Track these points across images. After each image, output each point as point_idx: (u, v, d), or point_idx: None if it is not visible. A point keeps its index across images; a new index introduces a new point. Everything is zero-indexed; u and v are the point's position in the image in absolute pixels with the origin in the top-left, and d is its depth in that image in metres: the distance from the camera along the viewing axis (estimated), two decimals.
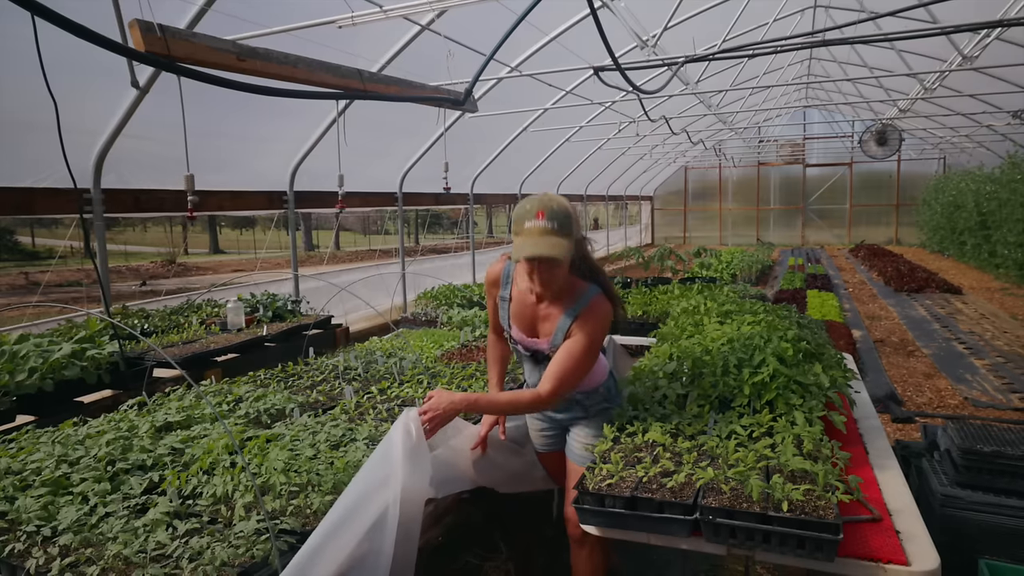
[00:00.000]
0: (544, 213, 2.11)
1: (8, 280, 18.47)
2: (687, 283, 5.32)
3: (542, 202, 2.14)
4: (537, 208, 2.12)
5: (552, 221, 2.11)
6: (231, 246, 30.01)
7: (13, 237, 26.58)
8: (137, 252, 26.83)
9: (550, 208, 2.13)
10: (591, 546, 2.55)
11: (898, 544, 1.76)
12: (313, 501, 1.83)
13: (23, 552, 1.63)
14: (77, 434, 2.32)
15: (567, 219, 2.15)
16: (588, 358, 2.28)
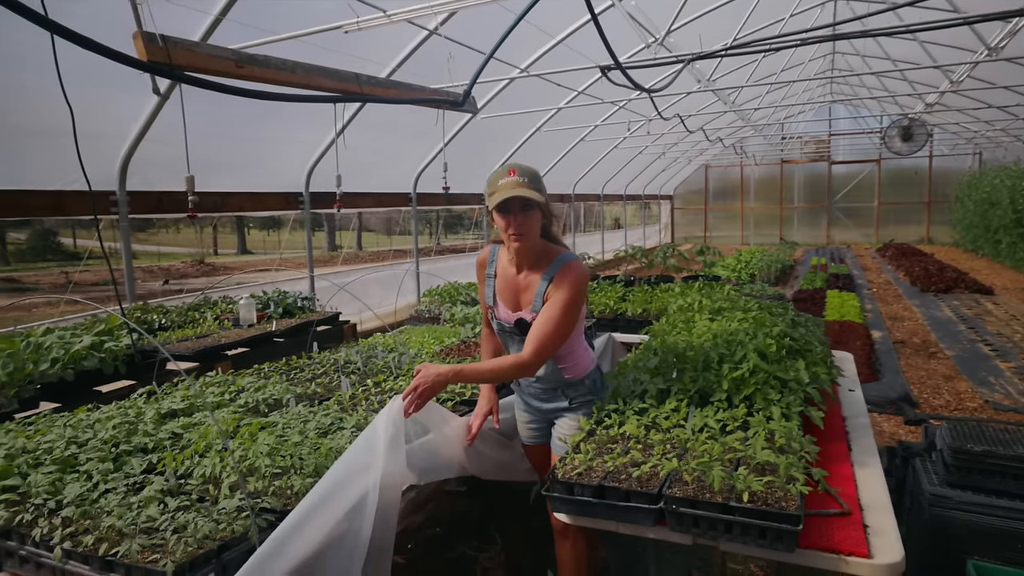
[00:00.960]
0: (515, 171, 2.30)
1: (50, 279, 19.15)
2: (690, 281, 5.35)
3: (512, 163, 2.35)
4: (508, 167, 2.32)
5: (523, 176, 2.30)
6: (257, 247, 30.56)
7: (56, 239, 27.43)
8: (169, 253, 27.51)
9: (520, 167, 2.32)
10: (573, 537, 2.63)
11: (863, 538, 1.80)
12: (295, 483, 1.94)
13: (30, 522, 1.79)
14: (88, 419, 2.47)
15: (537, 178, 2.34)
16: (566, 319, 2.33)
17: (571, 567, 2.69)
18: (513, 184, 2.28)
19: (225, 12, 4.15)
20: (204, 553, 1.64)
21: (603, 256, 16.06)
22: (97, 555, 1.63)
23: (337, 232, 30.33)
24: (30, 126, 4.38)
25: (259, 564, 1.64)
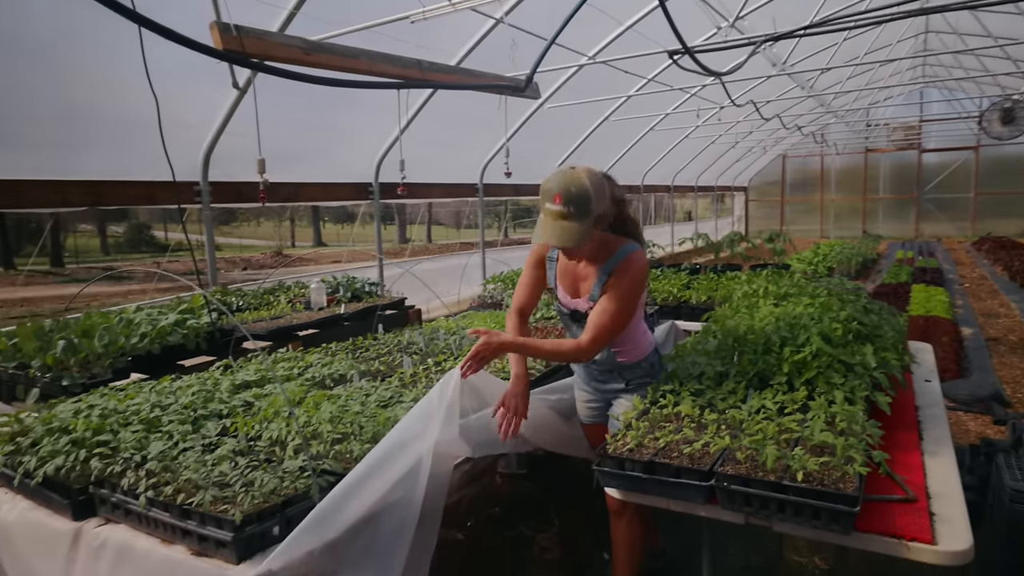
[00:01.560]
0: (561, 197, 2.19)
1: (144, 268, 20.47)
2: (758, 270, 5.21)
3: (563, 183, 2.21)
4: (556, 190, 2.20)
5: (569, 205, 2.20)
6: (332, 239, 31.56)
7: (149, 231, 29.21)
8: (250, 245, 28.86)
9: (568, 192, 2.19)
10: (629, 517, 2.63)
11: (928, 524, 1.73)
12: (354, 448, 2.04)
13: (119, 473, 1.96)
14: (171, 387, 2.67)
15: (585, 201, 2.20)
16: (624, 312, 2.39)
17: (626, 549, 2.70)
18: (555, 216, 2.21)
19: (299, 7, 4.32)
20: (270, 507, 1.75)
21: (673, 248, 15.77)
22: (175, 504, 1.77)
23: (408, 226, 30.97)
24: (127, 117, 4.69)
25: (319, 519, 1.74)
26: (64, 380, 3.05)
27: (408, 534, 1.97)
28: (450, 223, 34.63)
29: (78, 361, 3.24)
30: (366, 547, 1.89)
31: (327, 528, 1.75)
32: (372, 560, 1.90)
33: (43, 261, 21.67)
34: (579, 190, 2.20)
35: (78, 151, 4.91)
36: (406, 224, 30.28)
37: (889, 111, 19.39)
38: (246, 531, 1.69)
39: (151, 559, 1.81)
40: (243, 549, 1.69)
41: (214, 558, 1.73)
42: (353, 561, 1.85)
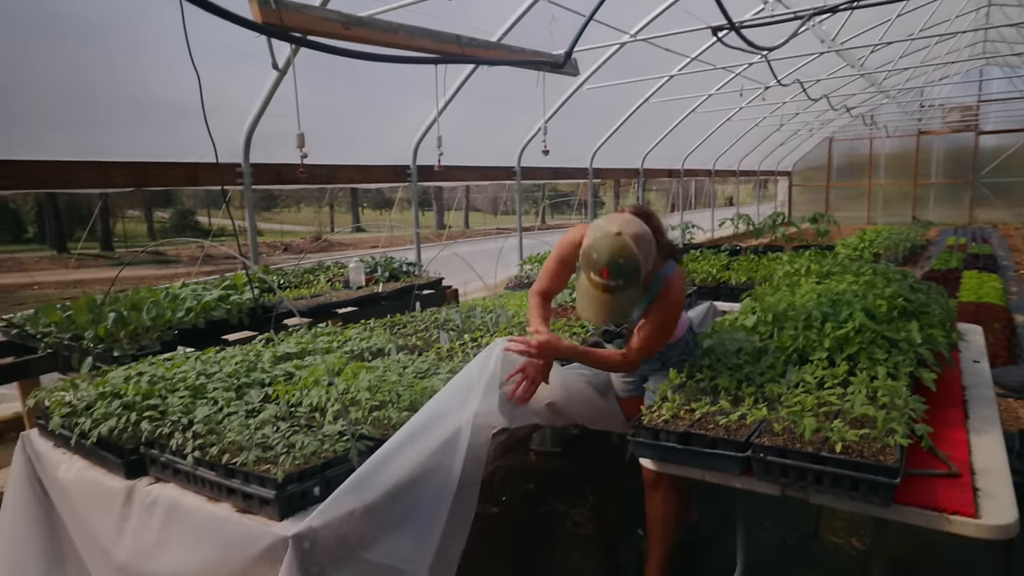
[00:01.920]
0: (608, 272, 2.05)
1: (188, 252, 21.10)
2: (800, 251, 5.10)
3: (611, 255, 2.04)
4: (603, 264, 2.05)
5: (617, 279, 2.07)
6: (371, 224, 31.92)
7: (194, 217, 29.97)
8: (291, 231, 29.41)
9: (616, 264, 2.04)
10: (664, 491, 2.63)
11: (971, 499, 1.70)
12: (391, 415, 2.08)
13: (168, 435, 2.04)
14: (215, 357, 2.75)
15: (635, 271, 2.08)
16: (667, 328, 2.42)
17: (660, 523, 2.69)
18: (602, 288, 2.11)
19: None
20: (310, 468, 1.80)
21: (712, 233, 15.54)
22: (221, 463, 1.83)
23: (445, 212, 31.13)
24: (171, 101, 4.81)
25: (359, 482, 1.78)
26: (115, 351, 3.17)
27: (446, 502, 2.00)
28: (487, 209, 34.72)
29: (128, 333, 3.36)
30: (405, 512, 1.93)
31: (367, 490, 1.79)
32: (411, 526, 1.93)
33: (93, 245, 22.46)
34: (628, 261, 2.05)
35: (124, 133, 5.05)
36: (443, 210, 30.45)
37: (945, 91, 18.47)
38: (288, 490, 1.74)
39: (199, 515, 1.88)
40: (285, 507, 1.74)
41: (258, 515, 1.78)
42: (393, 525, 1.89)
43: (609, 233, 2.05)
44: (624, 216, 2.16)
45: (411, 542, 1.92)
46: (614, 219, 2.12)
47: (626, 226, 2.08)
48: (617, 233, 2.04)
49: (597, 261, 2.05)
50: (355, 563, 1.79)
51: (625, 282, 2.08)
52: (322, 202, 30.26)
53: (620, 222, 2.10)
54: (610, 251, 2.03)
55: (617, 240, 2.03)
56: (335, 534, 1.72)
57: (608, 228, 2.07)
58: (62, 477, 2.27)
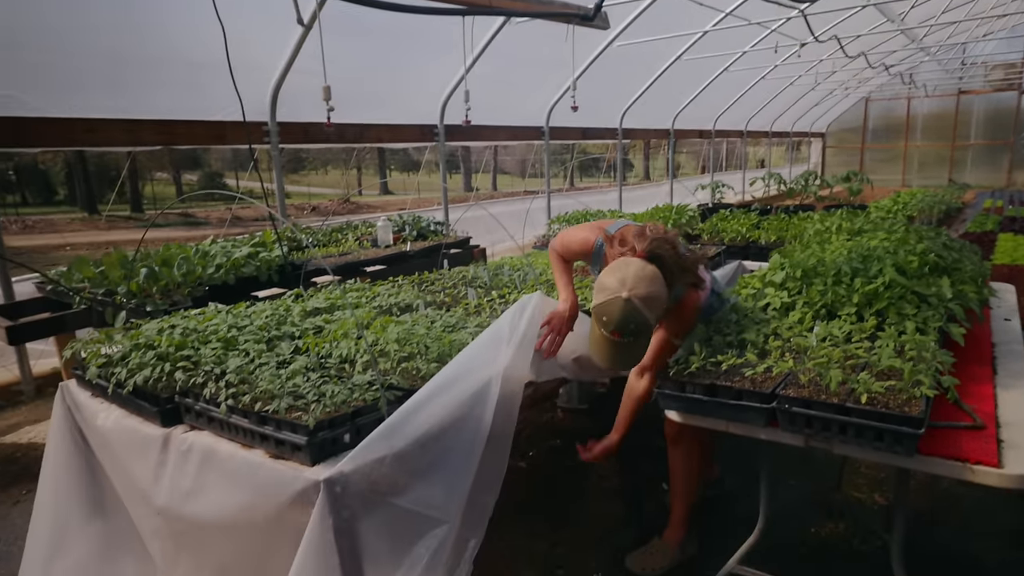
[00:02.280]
0: (619, 333, 2.04)
1: (217, 214, 21.39)
2: (832, 211, 5.00)
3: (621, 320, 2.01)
4: (613, 327, 2.03)
5: (628, 336, 2.06)
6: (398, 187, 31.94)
7: (222, 180, 30.25)
8: (318, 193, 29.57)
9: (626, 328, 2.03)
10: (686, 447, 2.66)
11: (995, 450, 1.70)
12: (420, 366, 2.12)
13: (201, 385, 2.10)
14: (246, 311, 2.80)
15: (646, 328, 2.07)
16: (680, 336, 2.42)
17: (683, 478, 2.73)
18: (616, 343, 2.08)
19: None
20: (340, 416, 1.85)
21: (743, 196, 15.29)
22: (253, 411, 1.88)
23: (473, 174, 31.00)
24: (198, 59, 4.83)
25: (389, 430, 1.82)
26: (147, 306, 3.25)
27: (477, 452, 2.03)
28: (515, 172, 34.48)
29: (159, 289, 3.44)
30: (435, 461, 1.96)
31: (397, 439, 1.83)
32: (441, 474, 1.97)
33: (123, 207, 22.81)
34: (638, 323, 2.03)
35: (150, 91, 5.09)
36: (471, 172, 30.31)
37: (989, 47, 17.67)
38: (319, 436, 1.79)
39: (234, 461, 1.94)
40: (316, 452, 1.79)
41: (290, 461, 1.84)
42: (423, 473, 1.93)
43: (618, 298, 2.01)
44: (633, 269, 2.06)
45: (441, 490, 1.96)
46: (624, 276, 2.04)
47: (636, 287, 2.01)
48: (626, 299, 2.00)
49: (607, 323, 2.04)
50: (386, 508, 1.84)
51: (637, 336, 2.08)
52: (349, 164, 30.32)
53: (629, 276, 2.04)
54: (620, 316, 2.01)
55: (626, 305, 2.00)
56: (366, 480, 1.77)
57: (618, 290, 2.02)
58: (100, 425, 2.34)
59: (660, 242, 2.16)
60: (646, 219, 4.98)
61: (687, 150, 21.01)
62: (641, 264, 2.07)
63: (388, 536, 1.86)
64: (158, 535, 2.22)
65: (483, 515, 2.12)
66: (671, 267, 2.15)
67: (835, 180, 7.53)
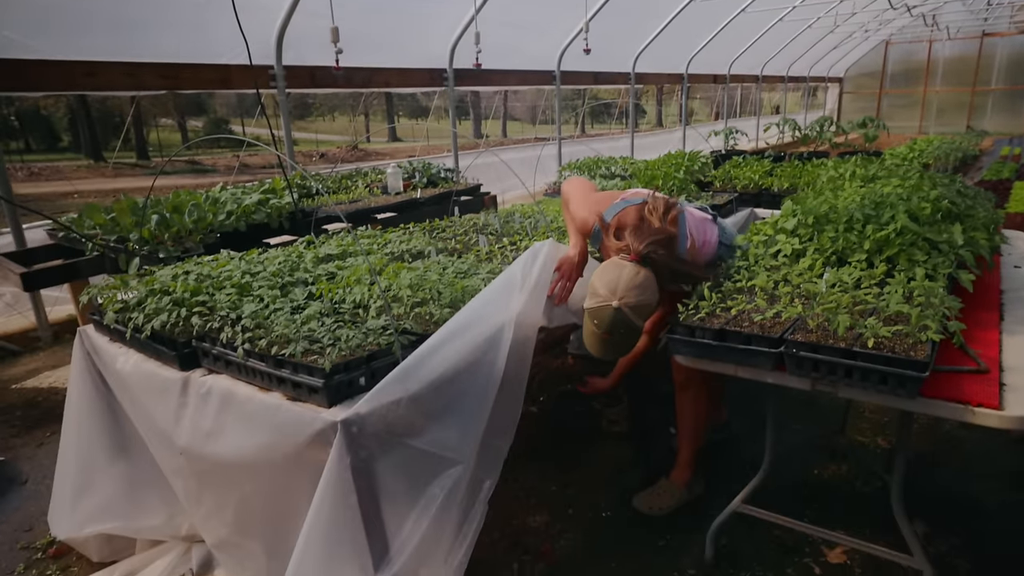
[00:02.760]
0: (609, 334, 2.14)
1: (224, 162, 21.27)
2: (847, 157, 4.93)
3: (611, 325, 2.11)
4: (604, 330, 2.13)
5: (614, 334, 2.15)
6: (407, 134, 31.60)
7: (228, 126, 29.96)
8: (326, 140, 29.27)
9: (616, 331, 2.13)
10: (695, 392, 2.71)
11: (997, 393, 1.72)
12: (433, 311, 2.15)
13: (218, 329, 2.13)
14: (259, 258, 2.83)
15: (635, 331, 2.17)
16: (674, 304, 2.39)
17: (691, 422, 2.78)
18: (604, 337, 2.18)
19: None
20: (355, 359, 1.88)
21: (757, 143, 15.04)
22: (270, 355, 1.92)
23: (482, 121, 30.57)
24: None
25: (404, 372, 1.85)
26: (160, 252, 3.28)
27: (490, 396, 2.07)
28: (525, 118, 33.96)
29: (171, 236, 3.46)
30: (449, 405, 2.00)
31: (412, 382, 1.86)
32: (455, 418, 2.01)
33: (129, 155, 22.69)
34: (628, 328, 2.14)
35: (153, 32, 5.00)
36: (480, 118, 29.90)
37: None
38: (335, 379, 1.83)
39: (252, 404, 1.99)
40: (333, 394, 1.83)
41: (307, 403, 1.89)
42: (437, 416, 1.97)
43: (608, 306, 2.09)
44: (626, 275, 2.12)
45: (456, 433, 2.00)
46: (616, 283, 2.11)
47: (626, 296, 2.09)
48: (616, 308, 2.09)
49: (598, 325, 2.15)
50: (402, 449, 1.89)
51: (626, 334, 2.17)
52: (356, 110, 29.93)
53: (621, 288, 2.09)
54: (610, 322, 2.11)
55: (616, 314, 2.10)
56: (382, 421, 1.81)
57: (608, 299, 2.09)
58: (120, 369, 2.40)
59: (655, 245, 2.19)
60: (658, 166, 4.93)
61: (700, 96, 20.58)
62: (634, 270, 2.13)
63: (404, 476, 1.92)
64: (181, 474, 2.29)
65: (498, 458, 2.19)
66: (663, 271, 2.21)
67: (851, 127, 7.39)
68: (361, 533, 1.79)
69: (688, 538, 2.65)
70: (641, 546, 2.63)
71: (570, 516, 2.83)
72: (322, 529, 1.75)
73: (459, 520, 2.03)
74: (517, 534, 2.71)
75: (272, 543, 2.12)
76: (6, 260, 3.65)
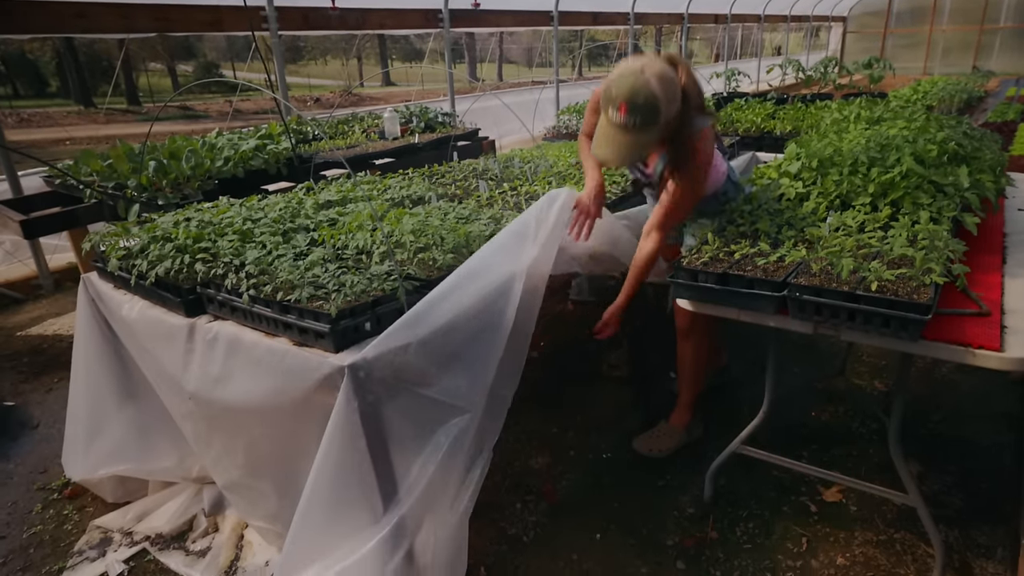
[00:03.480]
0: (626, 107, 1.96)
1: (217, 107, 20.89)
2: (851, 99, 4.86)
3: (630, 91, 1.95)
4: (621, 99, 1.96)
5: (634, 116, 1.97)
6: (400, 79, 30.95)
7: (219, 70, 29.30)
8: (319, 84, 28.70)
9: (634, 103, 1.95)
10: (696, 337, 2.72)
11: (998, 335, 1.73)
12: (436, 256, 2.15)
13: (222, 275, 2.13)
14: (259, 204, 2.81)
15: (653, 113, 1.98)
16: (692, 193, 2.33)
17: (691, 367, 2.81)
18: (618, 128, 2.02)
19: None
20: (360, 305, 1.89)
21: (758, 85, 14.77)
22: (276, 300, 1.93)
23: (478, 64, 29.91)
24: None
25: (414, 318, 1.85)
26: (159, 199, 3.25)
27: (499, 346, 2.08)
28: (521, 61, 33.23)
29: (169, 182, 3.42)
30: (457, 353, 2.01)
31: (420, 327, 1.86)
32: (463, 366, 2.03)
33: (120, 100, 22.25)
34: (647, 100, 1.96)
35: None
36: (476, 61, 29.24)
37: None
38: (341, 324, 1.84)
39: (259, 349, 2.01)
40: (339, 339, 1.84)
41: (314, 348, 1.90)
42: (445, 364, 1.98)
43: (631, 69, 1.97)
44: (649, 57, 2.04)
45: (464, 381, 2.02)
46: (638, 58, 2.03)
47: (650, 65, 1.98)
48: (640, 70, 1.95)
49: (616, 97, 1.98)
50: (410, 395, 1.91)
51: (643, 121, 1.99)
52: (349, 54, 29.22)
53: (644, 60, 2.01)
54: (630, 87, 1.95)
55: (639, 77, 1.95)
56: (389, 366, 1.82)
57: (631, 65, 2.00)
58: (125, 316, 2.40)
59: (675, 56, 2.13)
60: None
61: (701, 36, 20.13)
62: (657, 58, 2.04)
63: (412, 422, 1.94)
64: (190, 418, 2.33)
65: (503, 407, 2.21)
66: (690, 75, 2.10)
67: (855, 67, 7.25)
68: (370, 475, 1.83)
69: (687, 479, 2.72)
70: (641, 486, 2.70)
71: (571, 458, 2.90)
72: (330, 471, 1.79)
73: (465, 467, 2.07)
74: (519, 475, 2.78)
75: (282, 484, 2.17)
76: (4, 208, 3.61)
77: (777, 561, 2.29)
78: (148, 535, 2.55)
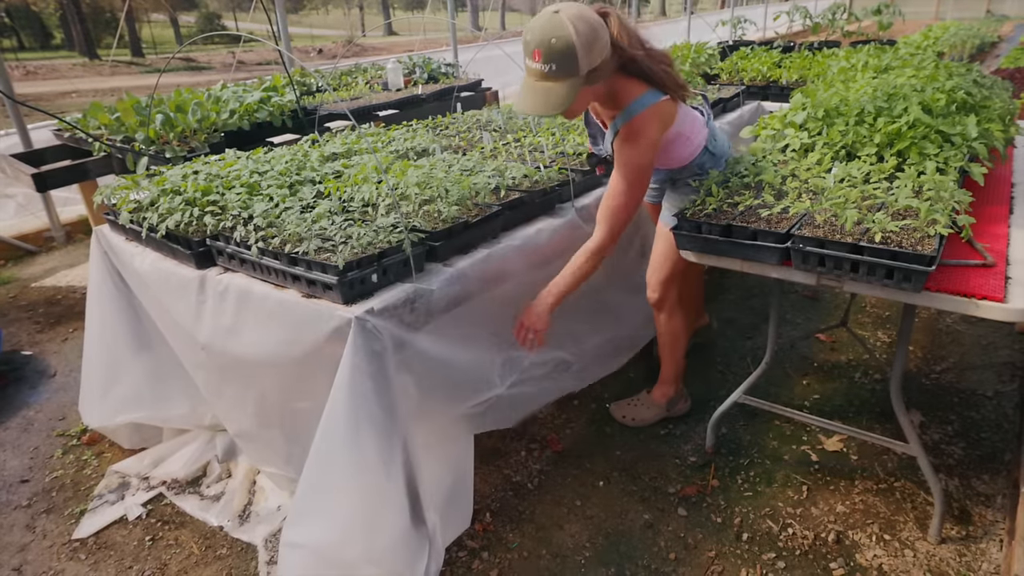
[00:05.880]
0: (541, 53, 1.81)
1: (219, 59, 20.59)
2: (859, 46, 4.75)
3: (543, 34, 1.80)
4: (535, 44, 1.82)
5: (549, 63, 1.81)
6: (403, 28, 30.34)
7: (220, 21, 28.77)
8: (321, 35, 28.21)
9: (548, 46, 1.80)
10: (669, 309, 2.66)
11: (1002, 286, 1.74)
12: (441, 209, 2.16)
13: (231, 228, 2.16)
14: (265, 157, 2.81)
15: (570, 58, 1.81)
16: (636, 186, 2.09)
17: (669, 340, 2.74)
18: (534, 76, 1.85)
19: None
20: (367, 256, 1.91)
21: (764, 32, 14.42)
22: (284, 252, 1.96)
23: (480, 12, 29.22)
24: None
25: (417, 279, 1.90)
26: (167, 152, 3.26)
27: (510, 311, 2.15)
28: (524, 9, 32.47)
29: (176, 135, 3.42)
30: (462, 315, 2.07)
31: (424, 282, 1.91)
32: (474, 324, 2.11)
33: (124, 52, 21.95)
34: (562, 42, 1.79)
35: None
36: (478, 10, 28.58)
37: None
38: (348, 276, 1.86)
39: (269, 300, 2.04)
40: (347, 291, 1.87)
41: (322, 299, 1.94)
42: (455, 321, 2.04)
43: (548, 11, 1.81)
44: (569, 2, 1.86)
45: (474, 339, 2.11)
46: (557, 3, 1.87)
47: (568, 7, 1.82)
48: (555, 11, 1.80)
49: (529, 42, 1.84)
50: (416, 349, 1.97)
51: (558, 68, 1.82)
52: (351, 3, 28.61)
53: (562, 4, 1.84)
54: (542, 29, 1.80)
55: (553, 18, 1.79)
56: (396, 318, 1.88)
57: (547, 8, 1.85)
58: (137, 268, 2.44)
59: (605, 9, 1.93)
60: None
61: None
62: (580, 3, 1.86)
63: (418, 372, 2.00)
64: (203, 367, 2.39)
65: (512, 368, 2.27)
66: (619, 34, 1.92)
67: (864, 14, 7.06)
68: (376, 424, 1.88)
69: (689, 428, 2.78)
70: (643, 435, 2.76)
71: (575, 407, 2.96)
72: (340, 420, 1.84)
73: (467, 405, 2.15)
74: (524, 424, 2.84)
75: (292, 432, 2.24)
76: (17, 161, 3.63)
77: (777, 508, 2.35)
78: (164, 480, 2.64)
